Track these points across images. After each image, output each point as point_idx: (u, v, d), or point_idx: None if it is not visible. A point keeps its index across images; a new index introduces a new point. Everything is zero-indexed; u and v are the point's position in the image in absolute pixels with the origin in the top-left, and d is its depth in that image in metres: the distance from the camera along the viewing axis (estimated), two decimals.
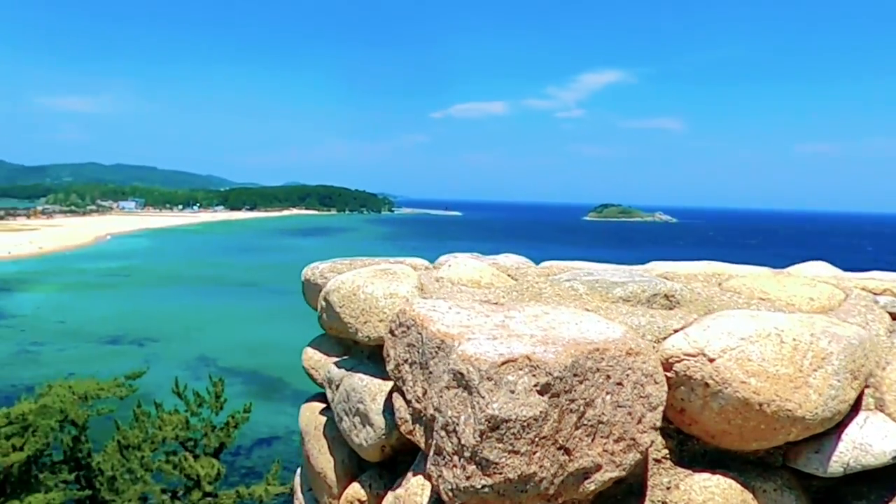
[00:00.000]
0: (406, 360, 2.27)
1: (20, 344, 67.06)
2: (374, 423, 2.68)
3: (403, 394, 2.31)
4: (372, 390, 2.75)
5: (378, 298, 2.86)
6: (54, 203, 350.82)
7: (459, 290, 2.92)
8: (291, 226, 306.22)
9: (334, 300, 3.04)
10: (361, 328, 2.88)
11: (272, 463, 20.03)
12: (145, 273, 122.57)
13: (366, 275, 3.06)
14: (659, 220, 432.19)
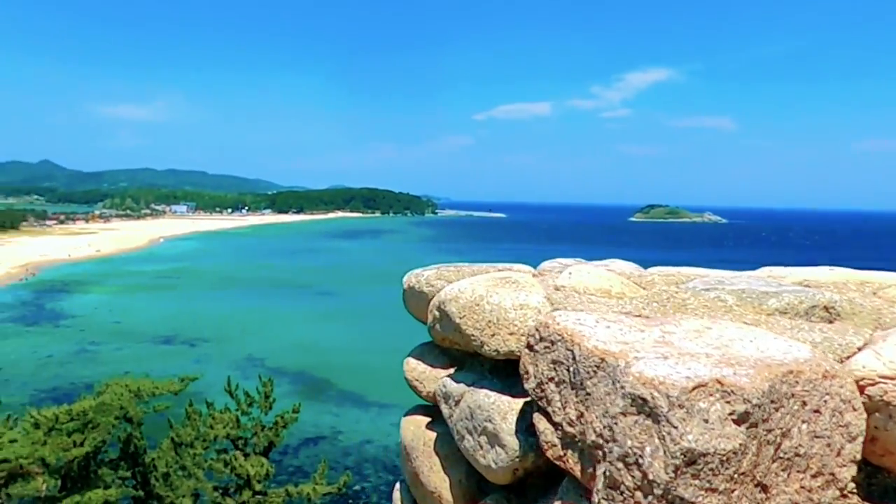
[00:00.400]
0: (552, 378, 2.12)
1: (80, 343, 69.72)
2: (505, 443, 2.52)
3: (549, 415, 2.16)
4: (501, 408, 2.59)
5: (507, 310, 2.67)
6: (111, 207, 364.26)
7: (591, 301, 2.71)
8: (337, 228, 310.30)
9: (452, 310, 2.86)
10: (488, 341, 2.69)
11: (319, 462, 20.27)
12: (196, 275, 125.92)
13: (486, 283, 2.86)
14: (708, 221, 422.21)
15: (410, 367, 3.69)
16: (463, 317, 2.80)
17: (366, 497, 35.64)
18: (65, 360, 62.48)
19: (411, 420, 3.69)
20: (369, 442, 43.88)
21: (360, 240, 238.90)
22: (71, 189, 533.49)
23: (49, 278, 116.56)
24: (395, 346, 43.45)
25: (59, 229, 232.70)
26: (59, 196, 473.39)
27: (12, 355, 59.86)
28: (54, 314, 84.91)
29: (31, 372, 55.89)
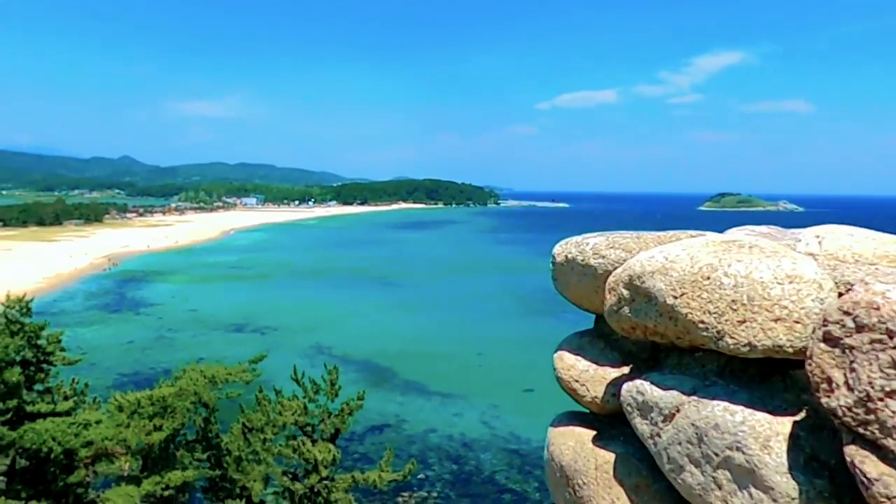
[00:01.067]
0: (890, 391, 1.46)
1: (158, 330, 73.18)
2: (772, 485, 1.74)
3: (888, 454, 1.46)
4: (759, 431, 1.82)
5: (766, 284, 1.87)
6: (185, 200, 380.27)
7: (882, 272, 1.96)
8: (400, 219, 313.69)
9: (660, 287, 2.10)
10: (733, 331, 1.91)
11: (384, 450, 20.62)
12: (266, 266, 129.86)
13: (709, 249, 2.09)
14: (783, 210, 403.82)
15: (566, 363, 2.92)
16: (682, 295, 2.03)
17: (430, 485, 36.05)
18: (145, 345, 65.70)
19: (568, 433, 2.87)
20: (433, 431, 44.30)
21: (423, 230, 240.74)
22: (149, 183, 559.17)
23: (130, 268, 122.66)
24: (460, 336, 44.27)
25: (138, 222, 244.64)
26: (138, 190, 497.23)
27: (97, 341, 63.30)
28: (135, 302, 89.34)
29: (115, 357, 58.99)
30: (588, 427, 2.82)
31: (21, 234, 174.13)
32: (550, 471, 2.91)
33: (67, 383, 20.52)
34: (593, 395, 2.75)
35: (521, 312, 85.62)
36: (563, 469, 2.73)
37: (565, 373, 2.98)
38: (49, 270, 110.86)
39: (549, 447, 3.00)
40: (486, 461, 39.99)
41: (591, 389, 2.77)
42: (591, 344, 2.89)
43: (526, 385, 54.39)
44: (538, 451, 41.91)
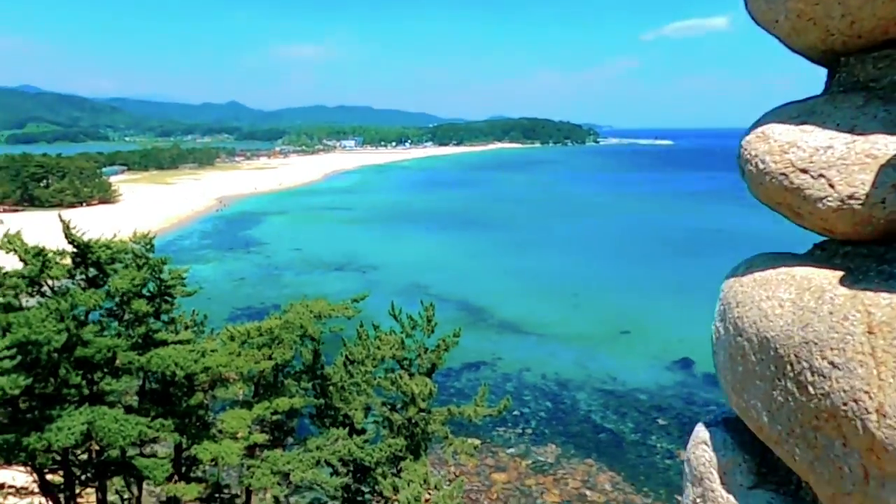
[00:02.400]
0: None
1: (266, 268, 77.39)
2: None
3: None
4: None
5: None
6: (289, 144, 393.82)
7: None
8: (495, 160, 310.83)
9: None
10: None
11: (480, 386, 21.02)
12: (364, 206, 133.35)
13: None
14: None
15: (777, 142, 1.60)
16: None
17: (525, 422, 36.68)
18: (254, 281, 69.76)
19: (775, 281, 1.67)
20: (528, 370, 44.74)
21: (518, 171, 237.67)
22: (254, 127, 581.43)
23: (239, 210, 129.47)
24: (555, 278, 43.75)
25: (245, 165, 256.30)
26: (245, 134, 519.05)
27: (212, 277, 67.73)
28: (244, 241, 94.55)
29: (228, 292, 63.05)
30: (821, 266, 1.58)
31: (143, 178, 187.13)
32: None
33: (188, 315, 22.14)
34: (846, 193, 1.46)
35: (618, 255, 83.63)
36: (770, 342, 1.50)
37: (776, 159, 1.56)
38: (168, 211, 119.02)
39: (728, 309, 1.70)
40: (581, 400, 40.09)
41: (840, 184, 1.46)
42: (836, 103, 1.53)
43: (622, 327, 53.60)
44: (634, 391, 41.52)
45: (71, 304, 13.44)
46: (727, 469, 1.77)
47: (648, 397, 40.57)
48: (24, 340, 11.25)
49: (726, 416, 1.98)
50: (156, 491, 19.75)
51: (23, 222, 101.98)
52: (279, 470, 15.73)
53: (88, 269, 15.81)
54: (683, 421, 36.99)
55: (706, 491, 1.81)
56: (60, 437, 11.65)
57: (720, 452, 1.82)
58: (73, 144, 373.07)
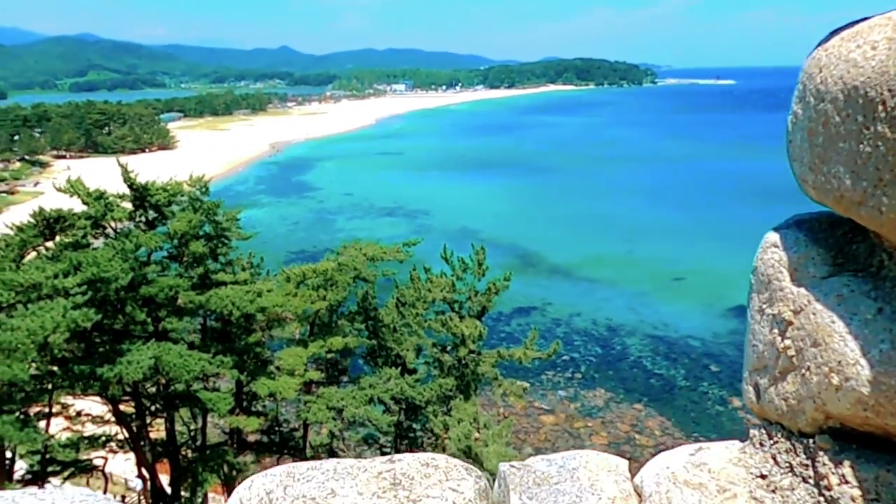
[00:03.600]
0: None
1: (319, 212, 78.64)
2: None
3: None
4: None
5: None
6: (339, 88, 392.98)
7: None
8: (547, 102, 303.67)
9: None
10: None
11: (530, 330, 21.12)
12: (414, 151, 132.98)
13: None
14: None
15: None
16: None
17: (574, 367, 36.87)
18: (308, 226, 71.10)
19: None
20: (578, 315, 44.68)
21: (571, 114, 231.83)
22: (305, 72, 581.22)
23: (291, 155, 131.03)
24: (607, 224, 42.90)
25: (297, 111, 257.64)
26: (296, 79, 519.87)
27: (268, 220, 69.26)
28: (297, 186, 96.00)
29: (283, 235, 64.52)
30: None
31: (199, 124, 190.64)
32: (814, 123, 1.56)
33: (245, 258, 22.80)
34: None
35: (673, 201, 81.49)
36: (859, 89, 1.38)
37: None
38: (223, 157, 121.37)
39: (809, 80, 1.59)
40: (632, 346, 39.96)
41: None
42: None
43: (676, 274, 52.68)
44: (686, 338, 41.10)
45: (135, 245, 13.97)
46: (799, 265, 1.67)
47: (700, 344, 40.10)
48: (94, 278, 11.80)
49: (798, 219, 1.82)
50: (219, 423, 20.83)
51: (87, 168, 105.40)
52: (334, 406, 16.31)
53: (148, 211, 16.34)
54: (735, 368, 36.53)
55: (774, 291, 1.73)
56: (130, 371, 12.31)
57: (791, 250, 1.71)
58: (132, 92, 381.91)
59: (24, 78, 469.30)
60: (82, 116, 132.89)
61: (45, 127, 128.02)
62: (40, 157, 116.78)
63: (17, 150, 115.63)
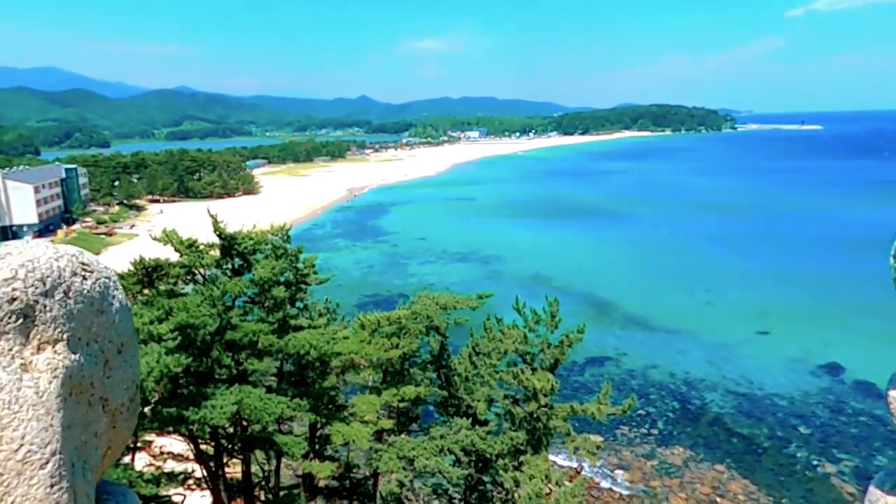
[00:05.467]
0: None
1: (392, 257, 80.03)
2: None
3: None
4: None
5: None
6: (415, 136, 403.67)
7: None
8: (622, 148, 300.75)
9: None
10: None
11: (603, 382, 20.56)
12: (486, 197, 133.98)
13: None
14: None
15: None
16: None
17: (650, 422, 35.44)
18: (382, 269, 72.38)
19: None
20: (654, 367, 43.18)
21: (646, 160, 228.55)
22: (383, 120, 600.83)
23: (367, 200, 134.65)
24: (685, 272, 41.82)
25: (374, 157, 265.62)
26: (374, 127, 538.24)
27: (343, 264, 71.03)
28: (372, 231, 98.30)
29: (358, 279, 65.87)
30: None
31: (281, 170, 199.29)
32: None
33: (321, 303, 23.42)
34: None
35: (756, 250, 78.33)
36: None
37: None
38: (303, 202, 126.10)
39: None
40: (712, 402, 38.15)
41: None
42: None
43: (760, 327, 50.28)
44: (771, 396, 38.91)
45: (221, 292, 14.67)
46: None
47: (788, 403, 37.85)
48: (184, 324, 12.44)
49: None
50: (293, 465, 21.15)
51: (178, 212, 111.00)
52: (405, 455, 16.31)
53: (234, 258, 17.15)
54: (829, 432, 34.20)
55: None
56: (215, 415, 12.79)
57: None
58: (222, 140, 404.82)
59: (125, 128, 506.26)
60: (176, 163, 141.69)
61: (142, 173, 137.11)
62: (137, 202, 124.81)
63: (117, 195, 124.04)
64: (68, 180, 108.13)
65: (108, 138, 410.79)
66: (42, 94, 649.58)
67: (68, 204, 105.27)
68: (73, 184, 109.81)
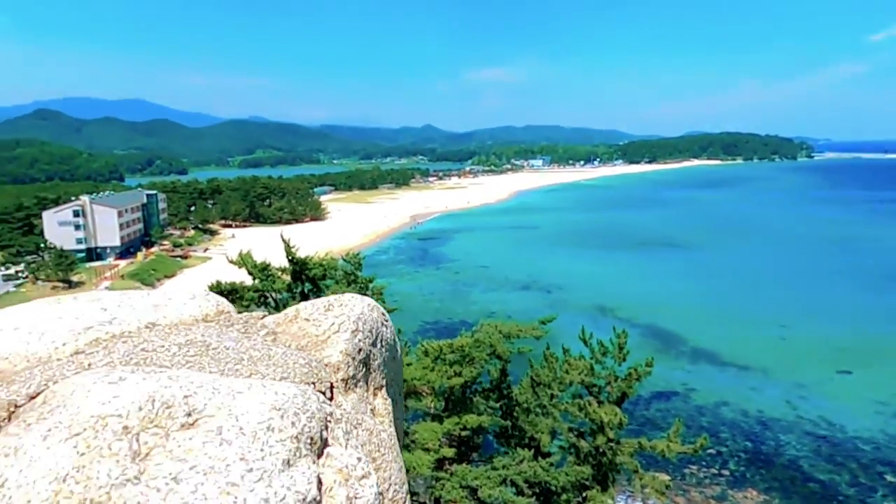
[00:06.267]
0: None
1: (455, 284, 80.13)
2: None
3: None
4: None
5: None
6: (478, 164, 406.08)
7: None
8: (690, 177, 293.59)
9: None
10: None
11: (671, 417, 19.91)
12: (550, 225, 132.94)
13: None
14: None
15: None
16: None
17: (721, 462, 33.88)
18: (443, 296, 72.54)
19: None
20: (726, 404, 41.40)
21: (717, 189, 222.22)
22: (446, 149, 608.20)
23: (430, 227, 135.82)
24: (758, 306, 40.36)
25: (437, 185, 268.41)
26: (438, 155, 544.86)
27: (406, 291, 71.59)
28: (434, 257, 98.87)
29: (420, 306, 66.22)
30: None
31: (347, 197, 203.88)
32: None
33: None
34: None
35: (830, 285, 74.52)
36: None
37: None
38: (367, 228, 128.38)
39: None
40: (787, 444, 36.20)
41: None
42: None
43: (840, 365, 47.60)
44: (854, 440, 36.59)
45: None
46: None
47: (872, 449, 35.50)
48: None
49: None
50: None
51: (249, 236, 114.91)
52: (468, 485, 16.13)
53: (304, 283, 17.58)
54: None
55: None
56: None
57: None
58: (291, 167, 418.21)
59: (202, 155, 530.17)
60: (248, 190, 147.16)
61: (216, 199, 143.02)
62: (210, 226, 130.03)
63: (192, 219, 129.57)
64: (149, 205, 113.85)
65: (187, 165, 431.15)
66: (128, 125, 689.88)
67: (148, 227, 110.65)
68: (153, 208, 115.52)
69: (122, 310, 2.94)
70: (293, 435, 2.01)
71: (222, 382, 2.13)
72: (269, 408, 2.06)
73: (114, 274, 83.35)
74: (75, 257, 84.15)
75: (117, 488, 1.73)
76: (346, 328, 2.36)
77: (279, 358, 2.32)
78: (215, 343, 2.43)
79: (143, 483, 1.76)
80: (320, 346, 2.45)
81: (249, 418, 2.02)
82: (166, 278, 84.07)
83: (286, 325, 2.78)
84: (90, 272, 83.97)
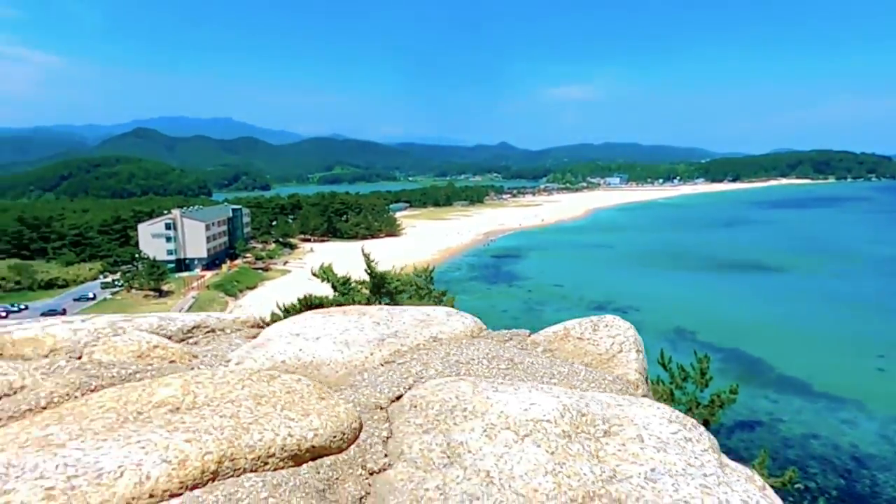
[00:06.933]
0: None
1: (527, 302, 79.53)
2: None
3: None
4: None
5: None
6: (553, 181, 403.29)
7: None
8: (776, 196, 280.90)
9: None
10: None
11: (756, 449, 18.96)
12: (626, 244, 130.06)
13: None
14: None
15: None
16: None
17: (810, 499, 31.92)
18: (516, 315, 72.07)
19: None
20: (815, 437, 39.09)
21: (806, 209, 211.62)
22: (521, 166, 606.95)
23: (503, 244, 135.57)
24: (854, 335, 38.13)
25: (511, 202, 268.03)
26: (513, 173, 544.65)
27: (478, 308, 71.22)
28: (507, 275, 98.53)
29: (491, 324, 64.78)
30: None
31: (422, 214, 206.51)
32: None
33: None
34: None
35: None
36: None
37: None
38: (441, 244, 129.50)
39: None
40: (884, 482, 33.77)
41: None
42: None
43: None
44: None
45: None
46: None
47: None
48: None
49: None
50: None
51: (327, 250, 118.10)
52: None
53: (382, 297, 17.91)
54: None
55: None
56: None
57: None
58: (368, 184, 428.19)
59: (285, 172, 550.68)
60: (326, 205, 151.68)
61: (296, 214, 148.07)
62: (290, 240, 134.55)
63: (274, 234, 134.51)
64: (234, 219, 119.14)
65: (270, 181, 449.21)
66: (217, 142, 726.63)
67: (233, 240, 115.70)
68: (237, 222, 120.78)
69: (394, 324, 3.17)
70: (710, 447, 2.06)
71: (593, 396, 2.22)
72: (663, 420, 2.11)
73: (200, 284, 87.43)
74: (166, 268, 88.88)
75: (606, 484, 1.80)
76: (628, 347, 2.48)
77: (584, 374, 2.42)
78: (517, 358, 2.56)
79: (618, 481, 1.82)
80: (606, 364, 2.57)
81: (660, 429, 2.06)
82: (248, 290, 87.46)
83: (559, 343, 2.93)
84: (179, 282, 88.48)
